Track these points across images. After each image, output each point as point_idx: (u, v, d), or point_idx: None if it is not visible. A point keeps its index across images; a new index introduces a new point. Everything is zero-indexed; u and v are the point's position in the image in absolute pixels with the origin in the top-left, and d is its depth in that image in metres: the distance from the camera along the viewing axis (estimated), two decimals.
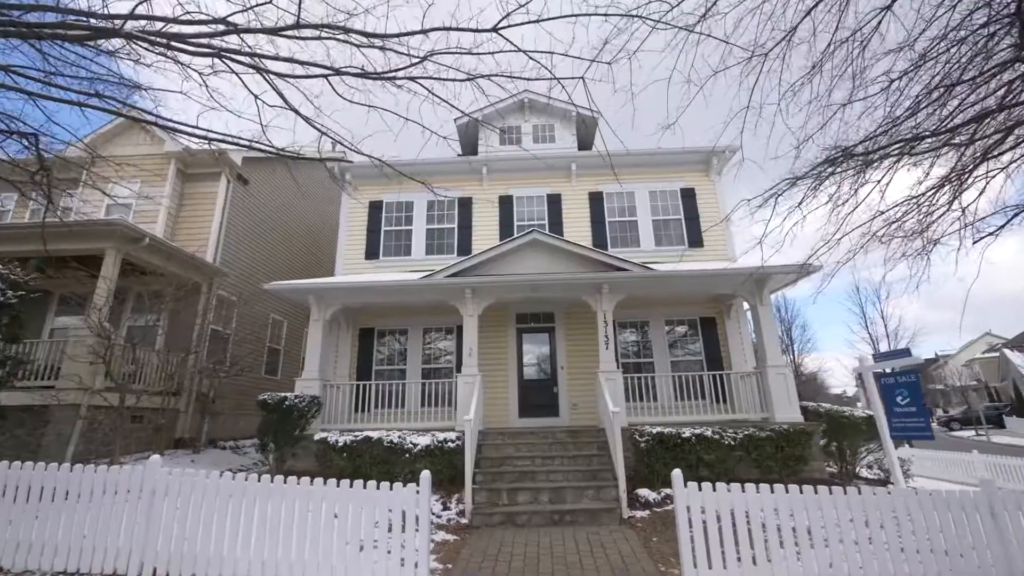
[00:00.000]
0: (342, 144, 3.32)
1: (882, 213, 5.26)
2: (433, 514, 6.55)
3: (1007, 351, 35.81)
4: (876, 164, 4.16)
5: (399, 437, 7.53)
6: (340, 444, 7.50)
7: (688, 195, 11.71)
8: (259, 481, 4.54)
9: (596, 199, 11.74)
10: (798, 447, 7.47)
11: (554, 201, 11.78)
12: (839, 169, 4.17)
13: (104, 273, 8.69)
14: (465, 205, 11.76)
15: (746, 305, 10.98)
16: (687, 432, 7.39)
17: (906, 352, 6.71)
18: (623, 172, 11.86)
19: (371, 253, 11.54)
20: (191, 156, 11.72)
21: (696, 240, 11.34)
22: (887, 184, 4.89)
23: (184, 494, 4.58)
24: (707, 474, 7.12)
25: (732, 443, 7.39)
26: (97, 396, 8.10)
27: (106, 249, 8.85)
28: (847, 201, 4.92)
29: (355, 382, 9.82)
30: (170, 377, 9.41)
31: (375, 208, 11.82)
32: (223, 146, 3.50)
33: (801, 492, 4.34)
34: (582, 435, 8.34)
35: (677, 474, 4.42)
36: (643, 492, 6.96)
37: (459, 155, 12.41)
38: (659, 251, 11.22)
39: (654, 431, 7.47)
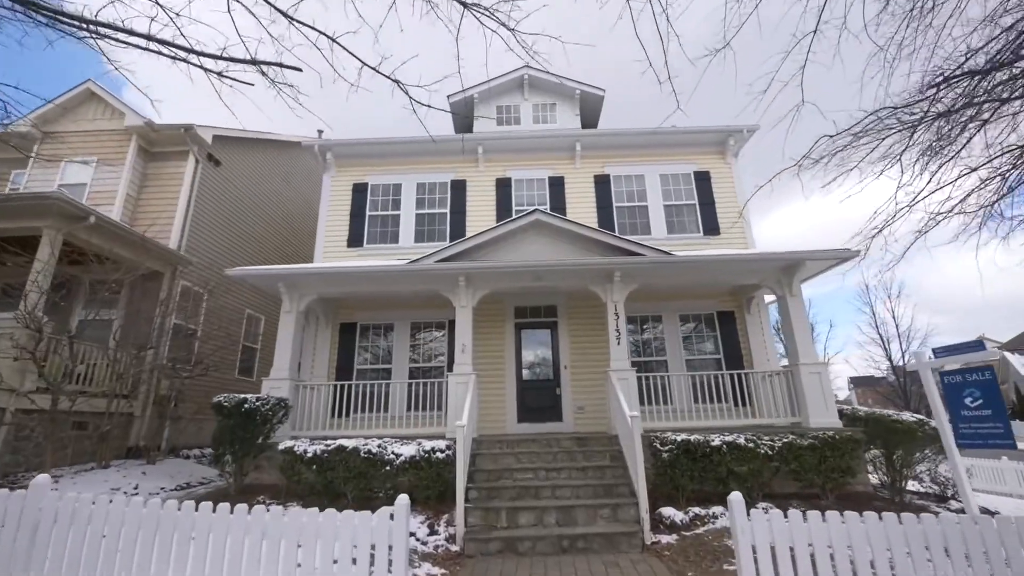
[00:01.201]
0: (291, 19, 2.24)
1: (974, 170, 4.27)
2: (418, 540, 5.42)
3: (1007, 354, 34.93)
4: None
5: (379, 446, 6.39)
6: (309, 455, 6.35)
7: (702, 178, 10.70)
8: (179, 509, 3.41)
9: (602, 182, 10.69)
10: (845, 457, 6.41)
11: (556, 184, 10.72)
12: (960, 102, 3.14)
13: (39, 256, 7.50)
14: (459, 188, 10.67)
15: (768, 298, 9.99)
16: (716, 440, 6.31)
17: (978, 345, 5.67)
18: (631, 152, 10.90)
19: (354, 240, 10.40)
20: (155, 132, 10.57)
21: (712, 227, 10.33)
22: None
23: (79, 525, 3.43)
24: (737, 488, 6.06)
25: (769, 452, 6.32)
26: (25, 399, 6.90)
27: (43, 228, 7.65)
28: (943, 150, 3.93)
29: (333, 383, 8.67)
30: (120, 377, 8.20)
31: (359, 191, 10.70)
32: (120, 38, 2.41)
33: (900, 522, 3.28)
34: (591, 443, 7.26)
35: (737, 498, 3.34)
36: (668, 511, 5.87)
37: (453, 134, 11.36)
38: (672, 239, 10.19)
39: (678, 439, 6.39)
